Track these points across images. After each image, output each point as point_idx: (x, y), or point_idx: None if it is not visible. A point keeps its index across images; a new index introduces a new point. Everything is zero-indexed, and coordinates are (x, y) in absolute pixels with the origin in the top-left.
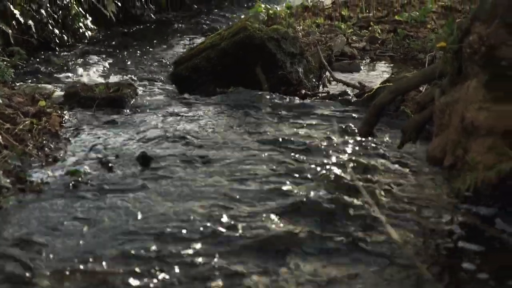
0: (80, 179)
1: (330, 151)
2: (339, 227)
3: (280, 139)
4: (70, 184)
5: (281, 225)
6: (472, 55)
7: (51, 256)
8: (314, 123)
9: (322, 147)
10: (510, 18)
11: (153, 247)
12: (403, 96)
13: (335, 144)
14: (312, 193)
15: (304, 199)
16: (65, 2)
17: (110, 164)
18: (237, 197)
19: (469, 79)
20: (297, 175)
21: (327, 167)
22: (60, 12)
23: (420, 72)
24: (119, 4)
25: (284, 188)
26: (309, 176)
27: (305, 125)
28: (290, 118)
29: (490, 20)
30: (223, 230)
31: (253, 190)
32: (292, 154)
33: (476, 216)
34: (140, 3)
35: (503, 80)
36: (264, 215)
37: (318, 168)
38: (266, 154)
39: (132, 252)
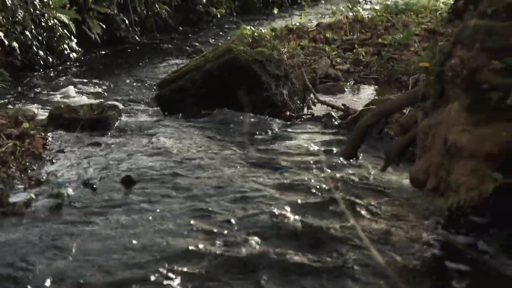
0: (63, 201)
1: (314, 173)
2: (323, 249)
3: (264, 161)
4: (53, 207)
5: (263, 247)
6: (454, 78)
7: (32, 279)
8: (298, 145)
9: (306, 169)
10: (491, 43)
11: (136, 270)
12: (387, 118)
13: (319, 166)
14: (295, 215)
15: (287, 221)
16: (50, 24)
17: (93, 186)
18: (220, 219)
19: (451, 102)
20: (280, 197)
21: (311, 189)
22: (45, 34)
23: (404, 94)
24: (104, 26)
25: (267, 210)
26: (292, 198)
27: (289, 147)
28: (274, 140)
29: (471, 44)
30: (204, 251)
31: (236, 212)
32: (276, 176)
33: (459, 237)
34: (125, 25)
35: (485, 103)
36: (247, 237)
37: (302, 190)
38: (249, 176)
39: (115, 275)
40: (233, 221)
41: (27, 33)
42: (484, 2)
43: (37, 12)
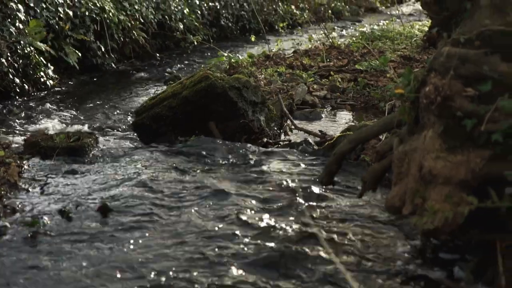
0: (38, 230)
1: (291, 200)
2: (299, 278)
3: (240, 189)
4: (29, 235)
5: (238, 275)
6: (429, 105)
7: None
8: (275, 171)
9: (282, 196)
10: (464, 70)
11: None
12: (363, 144)
13: (295, 193)
14: (271, 243)
15: (263, 250)
16: (26, 51)
17: (69, 215)
18: (196, 248)
19: (426, 129)
20: (256, 225)
21: (287, 216)
22: (21, 61)
23: (379, 121)
24: (81, 53)
25: (242, 238)
26: (268, 225)
27: (265, 174)
28: (250, 167)
29: (445, 72)
30: (177, 281)
31: (212, 240)
32: (252, 203)
33: (435, 264)
34: (101, 52)
35: (459, 130)
36: (221, 266)
37: (278, 218)
38: (225, 204)
39: None
40: (208, 249)
41: (3, 60)
42: (457, 30)
43: (13, 39)
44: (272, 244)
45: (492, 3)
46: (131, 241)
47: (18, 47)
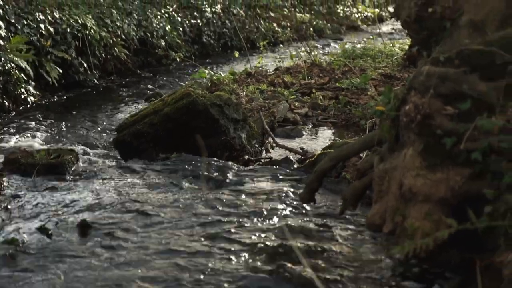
0: (17, 248)
1: (271, 218)
2: None
3: (221, 206)
4: (7, 254)
5: None
6: (409, 123)
7: None
8: (255, 189)
9: (263, 213)
10: (444, 89)
11: None
12: (344, 162)
13: (276, 211)
14: (250, 261)
15: (243, 266)
16: (6, 67)
17: (49, 232)
18: (174, 265)
19: (406, 147)
20: (236, 242)
21: (268, 233)
22: (1, 77)
23: (360, 139)
24: (62, 69)
25: (222, 255)
26: (248, 242)
27: (246, 191)
28: (231, 184)
29: (425, 90)
30: None
31: (192, 257)
32: (232, 220)
33: (415, 282)
34: (83, 68)
35: (439, 149)
36: (201, 282)
37: (258, 235)
38: (206, 221)
39: None
40: (188, 266)
41: None
42: (437, 49)
43: None
44: (252, 261)
45: (471, 23)
46: (111, 258)
47: None
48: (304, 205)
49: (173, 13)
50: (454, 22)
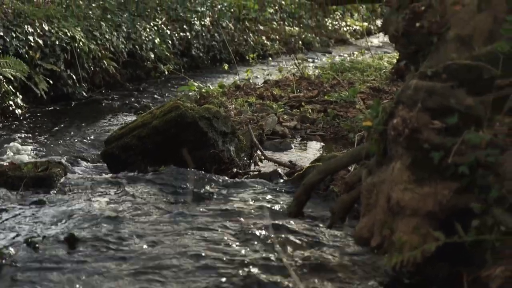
0: (4, 261)
1: (259, 231)
2: None
3: (208, 220)
4: None
5: None
6: (397, 137)
7: None
8: (243, 202)
9: (251, 226)
10: (431, 103)
11: None
12: (332, 175)
13: (264, 224)
14: (239, 275)
15: (231, 281)
16: None
17: (36, 245)
18: (161, 279)
19: (394, 161)
20: (224, 256)
21: (256, 247)
22: None
23: (348, 152)
24: (51, 82)
25: (210, 269)
26: (236, 256)
27: (234, 204)
28: (219, 197)
29: (413, 104)
30: None
31: (179, 271)
32: (220, 234)
33: None
34: (72, 81)
35: (426, 162)
36: None
37: (246, 248)
38: (193, 234)
39: None
40: (176, 280)
41: None
42: (424, 63)
43: None
44: (240, 275)
45: (458, 37)
46: (98, 272)
47: None
48: (292, 218)
49: (162, 26)
50: (441, 37)
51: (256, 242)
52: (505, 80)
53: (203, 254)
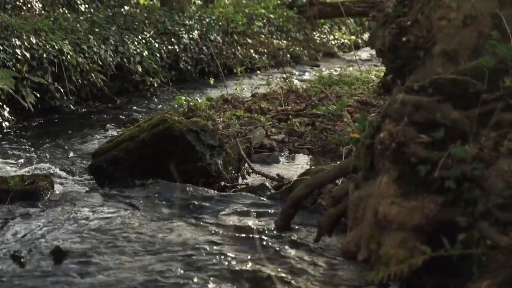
0: None
1: (246, 244)
2: None
3: (195, 233)
4: None
5: None
6: (383, 151)
7: None
8: (231, 215)
9: (238, 240)
10: (418, 117)
11: None
12: (320, 189)
13: (251, 237)
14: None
15: None
16: None
17: (22, 260)
18: None
19: (381, 174)
20: (211, 269)
21: (243, 260)
22: None
23: (335, 166)
24: (38, 95)
25: (196, 283)
26: (223, 270)
27: (221, 217)
28: (207, 210)
29: (399, 118)
30: None
31: (168, 284)
32: (207, 247)
33: None
34: (59, 94)
35: (413, 176)
36: None
37: (233, 262)
38: (180, 248)
39: None
40: None
41: None
42: (411, 77)
43: None
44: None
45: (444, 52)
46: (85, 285)
47: None
48: (280, 231)
49: (150, 39)
50: (428, 52)
51: (243, 256)
52: (490, 94)
53: (189, 267)
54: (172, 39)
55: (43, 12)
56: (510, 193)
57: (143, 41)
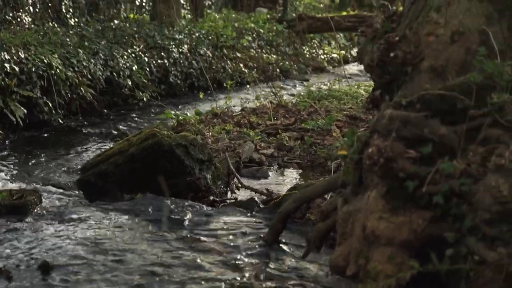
0: None
1: (235, 259)
2: None
3: (184, 248)
4: None
5: None
6: (372, 166)
7: None
8: (219, 230)
9: (227, 255)
10: (406, 132)
11: None
12: (309, 203)
13: (239, 252)
14: None
15: None
16: None
17: (9, 274)
18: None
19: (369, 190)
20: (199, 285)
21: (231, 275)
22: None
23: (324, 180)
24: (27, 109)
25: None
26: (212, 285)
27: (210, 232)
28: (195, 225)
29: (387, 134)
30: None
31: None
32: (195, 262)
33: None
34: (48, 108)
35: (401, 191)
36: None
37: (221, 277)
38: (167, 263)
39: None
40: None
41: None
42: (399, 93)
43: None
44: None
45: (432, 68)
46: None
47: None
48: (268, 246)
49: (140, 53)
50: (416, 67)
51: (231, 271)
52: (478, 110)
53: (177, 282)
54: (162, 53)
55: (32, 26)
56: (498, 209)
57: (133, 55)
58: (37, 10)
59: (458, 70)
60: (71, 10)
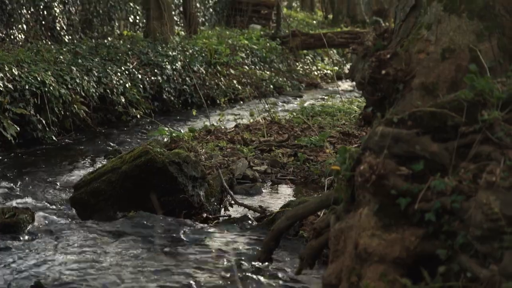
0: None
1: (228, 277)
2: None
3: (177, 265)
4: None
5: None
6: (364, 183)
7: None
8: (212, 247)
9: (220, 273)
10: (397, 149)
11: None
12: (302, 221)
13: (233, 270)
14: None
15: None
16: None
17: None
18: None
19: (361, 207)
20: None
21: None
22: None
23: (317, 198)
24: (20, 126)
25: None
26: None
27: (203, 249)
28: (189, 242)
29: (379, 151)
30: None
31: None
32: (188, 280)
33: None
34: (41, 125)
35: (393, 209)
36: None
37: None
38: (161, 281)
39: None
40: None
41: None
42: (390, 110)
43: None
44: None
45: (423, 85)
46: None
47: None
48: (261, 264)
49: (134, 70)
50: (407, 84)
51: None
52: (469, 127)
53: None
54: (155, 70)
55: (26, 43)
56: (489, 226)
57: (126, 72)
58: (31, 27)
59: (448, 87)
60: (64, 27)
